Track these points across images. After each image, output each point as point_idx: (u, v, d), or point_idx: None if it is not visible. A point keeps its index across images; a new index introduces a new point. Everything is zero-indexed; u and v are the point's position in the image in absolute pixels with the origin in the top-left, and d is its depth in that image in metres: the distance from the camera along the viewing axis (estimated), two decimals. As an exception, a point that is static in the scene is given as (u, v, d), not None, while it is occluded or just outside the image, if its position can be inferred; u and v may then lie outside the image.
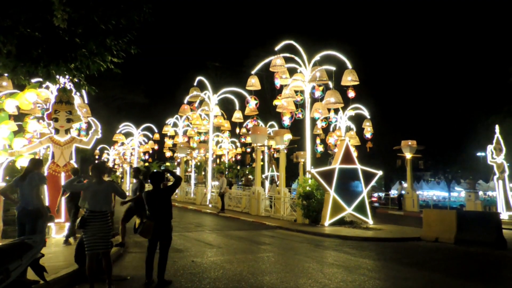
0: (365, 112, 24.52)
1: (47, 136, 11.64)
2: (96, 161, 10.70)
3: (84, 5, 6.86)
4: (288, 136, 18.45)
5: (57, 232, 11.15)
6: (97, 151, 44.85)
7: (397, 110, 42.40)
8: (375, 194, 31.44)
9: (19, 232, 6.34)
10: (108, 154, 45.66)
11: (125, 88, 50.89)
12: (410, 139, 25.59)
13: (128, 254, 9.56)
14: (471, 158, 39.62)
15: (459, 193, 53.09)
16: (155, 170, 7.52)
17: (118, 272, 7.44)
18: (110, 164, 45.69)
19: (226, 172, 32.85)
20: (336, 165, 15.08)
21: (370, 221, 15.31)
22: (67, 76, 7.94)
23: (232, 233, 13.42)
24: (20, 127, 10.07)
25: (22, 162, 10.06)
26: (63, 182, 11.29)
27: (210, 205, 23.21)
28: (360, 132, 24.84)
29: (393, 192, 39.74)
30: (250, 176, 31.31)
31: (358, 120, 25.51)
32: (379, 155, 42.30)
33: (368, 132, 24.19)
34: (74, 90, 17.97)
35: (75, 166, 11.42)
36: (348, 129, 24.99)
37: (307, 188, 15.50)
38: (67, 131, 11.73)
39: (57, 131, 11.59)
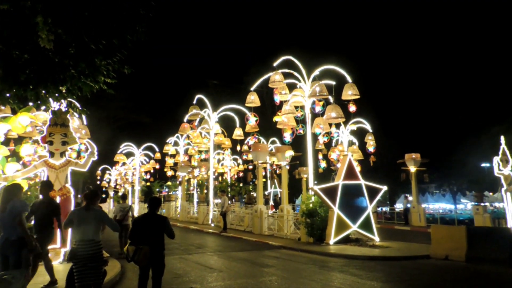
0: (367, 126, 24.24)
1: (42, 160, 11.37)
2: (90, 187, 10.23)
3: (73, 25, 6.64)
4: (289, 153, 18.13)
5: (53, 259, 10.77)
6: (98, 172, 44.55)
7: (400, 123, 42.17)
8: (379, 209, 30.81)
9: (2, 265, 5.98)
10: (110, 174, 45.34)
11: (127, 108, 51.14)
12: (413, 151, 25.19)
13: (126, 280, 9.16)
14: (476, 169, 39.12)
15: (465, 205, 52.36)
16: (154, 196, 7.21)
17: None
18: (112, 185, 45.38)
19: (229, 190, 32.44)
20: (339, 181, 14.70)
21: (376, 238, 14.85)
22: (60, 99, 7.71)
23: (234, 254, 12.98)
24: (13, 152, 9.79)
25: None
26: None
27: (212, 224, 22.75)
28: (363, 146, 24.52)
29: (398, 206, 39.15)
30: (253, 194, 30.87)
31: (360, 134, 25.23)
32: (383, 169, 41.89)
33: (370, 146, 23.86)
34: (73, 112, 17.84)
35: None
36: (351, 143, 24.67)
37: (310, 205, 15.11)
38: (62, 154, 11.45)
39: (52, 154, 11.32)
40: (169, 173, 32.47)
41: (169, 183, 37.74)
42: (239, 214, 22.15)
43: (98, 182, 44.87)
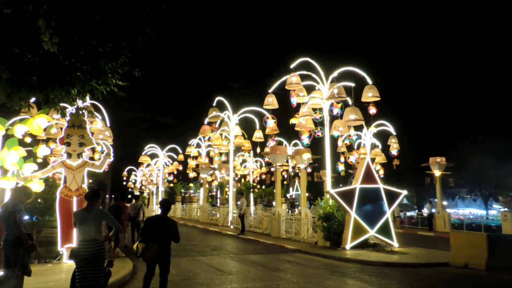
0: (391, 129, 23.70)
1: (60, 161, 11.70)
2: (94, 187, 10.38)
3: (79, 28, 6.76)
4: (307, 155, 17.91)
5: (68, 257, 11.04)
6: (125, 173, 45.49)
7: (428, 125, 41.09)
8: (402, 214, 29.95)
9: (4, 264, 6.14)
10: (135, 175, 46.23)
11: (153, 110, 52.10)
12: (443, 154, 24.36)
13: (135, 280, 9.23)
14: (509, 174, 37.58)
15: (498, 211, 50.34)
16: (165, 198, 7.75)
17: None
18: (138, 185, 46.20)
19: (252, 193, 32.38)
20: (357, 184, 14.39)
21: (395, 243, 14.43)
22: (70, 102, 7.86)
23: (248, 257, 12.91)
24: (30, 152, 10.07)
25: (32, 187, 10.01)
26: (75, 206, 11.26)
27: (231, 226, 22.78)
28: (386, 149, 24.00)
29: (426, 211, 38.10)
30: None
31: (384, 137, 24.70)
32: (410, 173, 40.94)
33: (394, 149, 23.30)
34: (95, 114, 18.14)
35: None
36: (374, 146, 24.19)
37: (328, 209, 14.87)
38: (79, 155, 11.75)
39: (69, 155, 11.63)
40: (191, 174, 32.75)
41: (191, 184, 38.10)
42: (258, 216, 22.09)
43: (124, 183, 45.79)
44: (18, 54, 6.59)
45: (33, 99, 8.46)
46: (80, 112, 8.70)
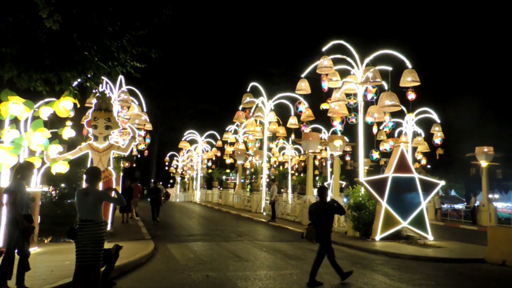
0: (434, 116, 22.44)
1: (87, 143, 11.98)
2: (94, 167, 10.27)
3: (86, 7, 6.70)
4: (338, 142, 17.24)
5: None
6: (167, 158, 46.59)
7: (479, 113, 38.57)
8: (445, 206, 28.37)
9: (3, 241, 6.25)
10: (177, 161, 47.25)
11: (196, 97, 52.99)
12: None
13: (151, 263, 9.28)
14: None
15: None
16: (321, 186, 8.76)
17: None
18: (179, 171, 47.23)
19: (289, 180, 32.05)
20: (389, 173, 13.66)
21: (429, 236, 13.62)
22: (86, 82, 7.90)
23: (271, 244, 12.68)
24: (55, 134, 10.34)
25: (57, 169, 10.32)
26: (100, 188, 11.50)
27: (264, 213, 22.64)
28: (430, 138, 22.80)
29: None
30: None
31: (428, 125, 23.45)
32: (459, 163, 38.79)
33: (437, 138, 22.04)
34: (132, 100, 18.38)
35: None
36: (416, 134, 23.05)
37: (358, 198, 14.30)
38: (105, 137, 11.98)
39: (96, 138, 11.87)
40: (228, 160, 32.90)
41: (227, 170, 38.40)
42: (290, 204, 21.80)
43: (166, 168, 46.95)
44: (25, 33, 6.61)
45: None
46: (96, 94, 8.75)
